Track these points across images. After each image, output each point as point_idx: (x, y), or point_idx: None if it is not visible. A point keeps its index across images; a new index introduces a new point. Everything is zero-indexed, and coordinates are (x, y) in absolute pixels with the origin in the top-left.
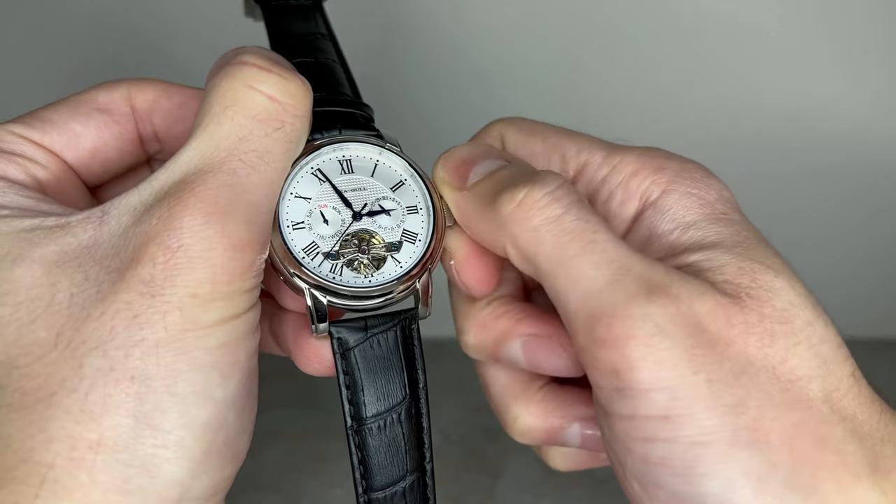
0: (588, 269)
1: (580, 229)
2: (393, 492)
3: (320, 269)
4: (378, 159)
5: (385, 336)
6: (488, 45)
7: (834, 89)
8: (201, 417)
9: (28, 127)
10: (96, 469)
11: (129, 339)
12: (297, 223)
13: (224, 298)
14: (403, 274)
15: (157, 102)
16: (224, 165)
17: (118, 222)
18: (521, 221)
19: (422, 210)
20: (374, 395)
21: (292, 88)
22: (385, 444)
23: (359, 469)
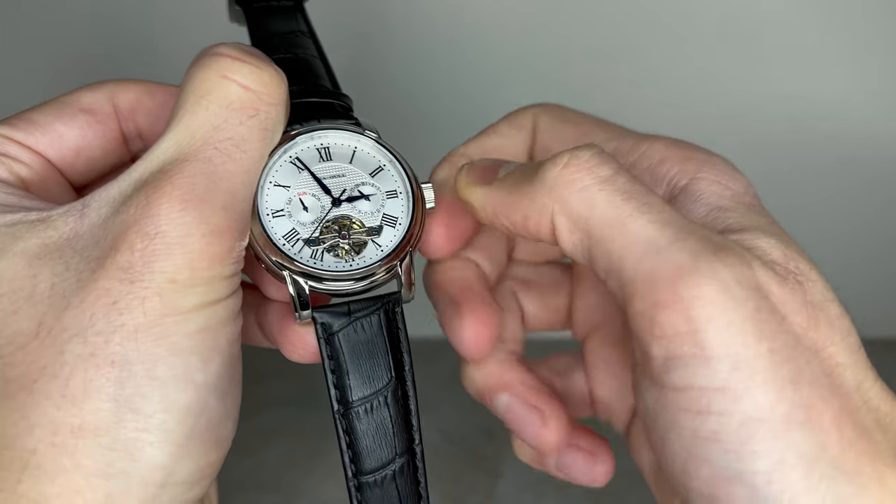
0: (647, 229)
1: (634, 190)
2: (383, 475)
3: (301, 255)
4: (356, 146)
5: (368, 320)
6: (481, 34)
7: (839, 87)
8: (182, 401)
9: (12, 128)
10: (78, 453)
11: (108, 325)
12: (276, 211)
13: (203, 284)
14: (384, 256)
15: (139, 102)
16: (200, 154)
17: (98, 213)
18: (570, 183)
19: (401, 194)
20: (359, 378)
21: (266, 77)
22: (373, 428)
23: (347, 453)
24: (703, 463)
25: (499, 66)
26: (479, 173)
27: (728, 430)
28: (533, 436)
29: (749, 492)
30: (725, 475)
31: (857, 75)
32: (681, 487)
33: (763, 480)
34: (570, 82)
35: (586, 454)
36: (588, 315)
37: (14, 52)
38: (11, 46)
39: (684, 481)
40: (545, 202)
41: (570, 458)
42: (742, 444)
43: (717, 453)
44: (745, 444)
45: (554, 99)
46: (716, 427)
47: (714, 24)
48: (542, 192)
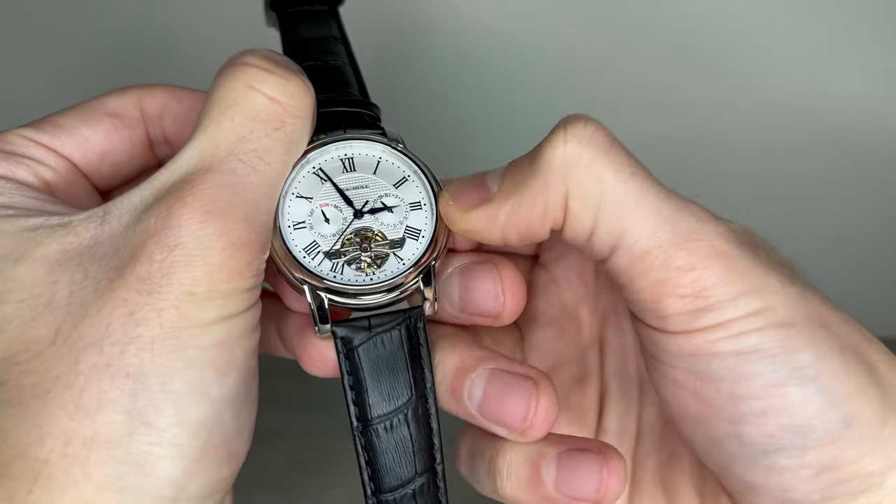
0: (655, 202)
1: (630, 161)
2: (402, 493)
3: (320, 268)
4: (380, 156)
5: (389, 335)
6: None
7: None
8: (196, 415)
9: (38, 131)
10: (90, 466)
11: (125, 336)
12: (298, 223)
13: (221, 297)
14: (406, 270)
15: (166, 106)
16: (224, 165)
17: (119, 221)
18: (577, 158)
19: (425, 206)
20: (379, 395)
21: (292, 89)
22: (393, 446)
23: (366, 470)
24: (754, 376)
25: (528, 73)
26: (469, 196)
27: (767, 340)
28: (525, 406)
29: (802, 386)
30: (777, 378)
31: (864, 76)
32: (726, 423)
33: (812, 372)
34: (600, 88)
35: (593, 455)
36: (542, 359)
37: (37, 59)
38: (34, 54)
39: (732, 410)
40: (559, 187)
41: (573, 463)
42: (783, 346)
43: (765, 362)
44: (786, 345)
45: (584, 105)
46: (755, 340)
47: (719, 27)
48: (553, 176)
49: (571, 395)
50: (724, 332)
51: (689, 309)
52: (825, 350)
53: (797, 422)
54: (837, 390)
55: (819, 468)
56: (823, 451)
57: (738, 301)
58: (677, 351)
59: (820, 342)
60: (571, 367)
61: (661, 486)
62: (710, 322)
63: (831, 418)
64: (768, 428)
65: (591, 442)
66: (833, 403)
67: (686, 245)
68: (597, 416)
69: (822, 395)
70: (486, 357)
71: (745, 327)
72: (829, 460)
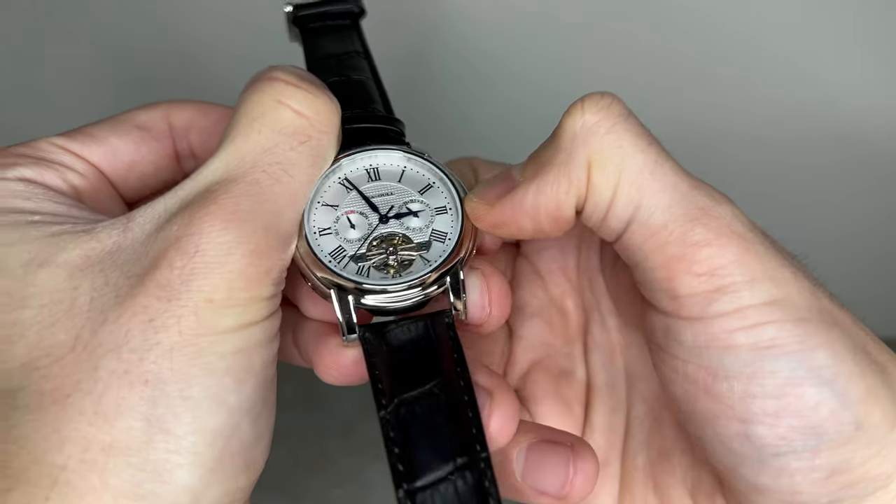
0: (671, 176)
1: (647, 133)
2: (436, 478)
3: (346, 271)
4: (405, 165)
5: (416, 323)
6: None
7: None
8: (214, 423)
9: (69, 139)
10: (108, 472)
11: (144, 343)
12: (323, 230)
13: (241, 305)
14: (433, 269)
15: (193, 120)
16: (248, 176)
17: (142, 229)
18: (597, 126)
19: (451, 210)
20: (404, 372)
21: (319, 104)
22: (420, 429)
23: (393, 453)
24: (771, 374)
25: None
26: (495, 191)
27: (786, 334)
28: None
29: (818, 387)
30: (795, 377)
31: (868, 71)
32: (737, 423)
33: (829, 374)
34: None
35: (562, 447)
36: (530, 350)
37: (64, 77)
38: (62, 73)
39: (743, 409)
40: (581, 158)
41: (540, 455)
42: (801, 343)
43: (783, 359)
44: (804, 342)
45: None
46: (773, 333)
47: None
48: (575, 145)
49: (559, 387)
50: (740, 322)
51: (704, 289)
52: (840, 350)
53: (810, 423)
54: (852, 393)
55: (829, 471)
56: (835, 454)
57: (755, 286)
58: (692, 341)
59: (835, 341)
60: (559, 358)
61: (651, 483)
62: (725, 308)
63: (843, 420)
64: (780, 429)
65: (565, 435)
66: (846, 406)
67: (703, 220)
68: (583, 410)
69: (837, 397)
70: None
71: (763, 318)
72: (839, 463)
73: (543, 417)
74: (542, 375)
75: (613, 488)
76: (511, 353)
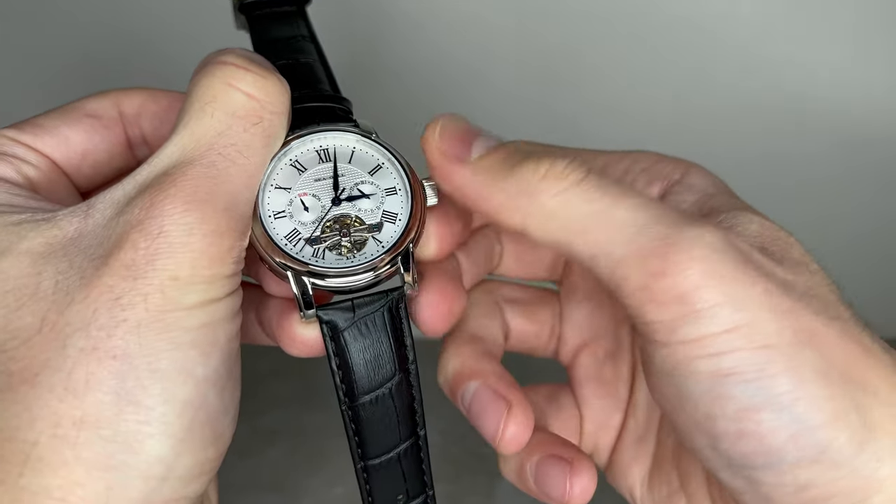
0: (627, 213)
1: (606, 185)
2: (388, 458)
3: (302, 254)
4: (355, 146)
5: (373, 316)
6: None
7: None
8: (182, 394)
9: (20, 131)
10: (80, 445)
11: (111, 320)
12: (278, 212)
13: (204, 282)
14: (385, 251)
15: (144, 106)
16: (204, 158)
17: (102, 215)
18: (547, 188)
19: (400, 191)
20: (365, 374)
21: (269, 86)
22: (377, 418)
23: (354, 440)
24: (728, 400)
25: (500, 66)
26: (453, 140)
27: (745, 362)
28: (495, 426)
29: (776, 413)
30: (752, 404)
31: (871, 72)
32: (704, 437)
33: (788, 399)
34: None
35: (563, 463)
36: (578, 331)
37: (10, 60)
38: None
39: (709, 427)
40: (521, 203)
41: (546, 468)
42: (761, 371)
43: (740, 386)
44: (764, 369)
45: (552, 92)
46: (733, 362)
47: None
48: (519, 194)
49: (606, 369)
50: (701, 350)
51: (668, 317)
52: (806, 374)
53: (772, 446)
54: (813, 418)
55: (797, 487)
56: (799, 475)
57: (716, 313)
58: (661, 364)
59: (802, 365)
60: (605, 340)
61: (676, 462)
62: (688, 335)
63: (803, 445)
64: (743, 448)
65: (569, 450)
66: (808, 431)
67: (660, 251)
68: (628, 391)
69: (797, 423)
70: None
71: (722, 347)
72: (806, 481)
73: (587, 399)
74: (590, 358)
75: (646, 463)
76: (561, 334)
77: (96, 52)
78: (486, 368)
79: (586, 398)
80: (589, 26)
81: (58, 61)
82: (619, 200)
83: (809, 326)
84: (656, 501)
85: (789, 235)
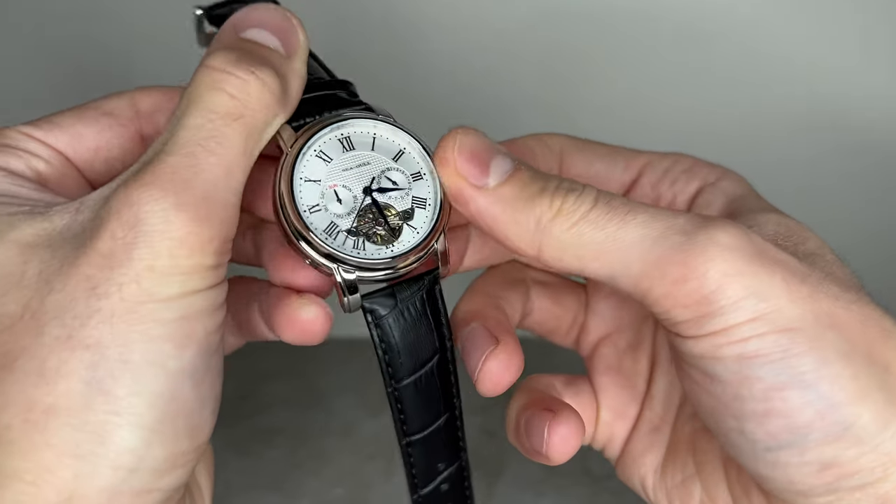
0: (638, 231)
1: (612, 207)
2: (429, 432)
3: (344, 247)
4: (375, 132)
5: (413, 302)
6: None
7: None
8: (154, 386)
9: (34, 127)
10: (49, 432)
11: (87, 309)
12: (313, 206)
13: (182, 273)
14: (422, 240)
15: (160, 104)
16: (183, 149)
17: (90, 209)
18: (560, 223)
19: (426, 175)
20: (409, 356)
21: (250, 88)
22: (421, 397)
23: (399, 418)
24: (756, 381)
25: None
26: (468, 163)
27: (769, 344)
28: (476, 361)
29: (802, 391)
30: (778, 382)
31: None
32: (732, 419)
33: (812, 377)
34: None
35: (544, 414)
36: (602, 323)
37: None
38: None
39: (736, 408)
40: (535, 237)
41: (532, 419)
42: (785, 352)
43: (766, 367)
44: (788, 350)
45: (551, 91)
46: (757, 346)
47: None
48: (533, 228)
49: (625, 361)
50: (726, 339)
51: (694, 316)
52: (829, 354)
53: (797, 423)
54: (837, 396)
55: (821, 465)
56: (823, 451)
57: (738, 306)
58: (689, 352)
59: (825, 346)
60: (628, 333)
61: (692, 450)
62: (713, 328)
63: (830, 421)
64: (770, 427)
65: (558, 403)
66: (833, 408)
67: (677, 258)
68: (646, 383)
69: (822, 400)
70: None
71: (746, 333)
72: (830, 459)
73: (605, 388)
74: (611, 348)
75: (660, 451)
76: (585, 323)
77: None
78: (490, 314)
79: (604, 387)
80: (592, 26)
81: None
82: (628, 219)
83: (830, 310)
84: (669, 488)
85: (806, 229)
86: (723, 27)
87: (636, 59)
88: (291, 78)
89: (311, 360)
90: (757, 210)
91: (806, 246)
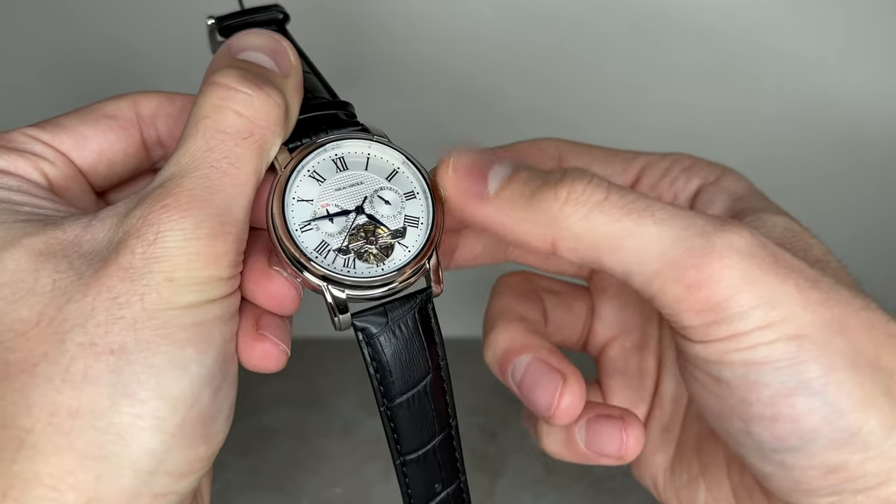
0: (655, 230)
1: (628, 201)
2: (424, 452)
3: (334, 266)
4: (369, 152)
5: (405, 320)
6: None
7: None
8: (176, 390)
9: (40, 129)
10: (73, 434)
11: (109, 318)
12: (304, 226)
13: (199, 283)
14: (413, 258)
15: (160, 108)
16: (198, 171)
17: (103, 224)
18: (571, 213)
19: (419, 194)
20: (401, 375)
21: (258, 104)
22: (414, 416)
23: (393, 437)
24: (763, 386)
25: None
26: (467, 178)
27: (777, 351)
28: (550, 397)
29: (809, 397)
30: (785, 389)
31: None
32: (738, 421)
33: (819, 384)
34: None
35: (615, 420)
36: (608, 326)
37: None
38: None
39: (743, 411)
40: (547, 231)
41: (598, 427)
42: (794, 358)
43: (773, 374)
44: (796, 356)
45: (547, 97)
46: (765, 353)
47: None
48: (543, 222)
49: (633, 362)
50: (734, 344)
51: (704, 321)
52: (836, 361)
53: (804, 429)
54: (843, 402)
55: (827, 469)
56: (829, 456)
57: (749, 314)
58: (696, 356)
59: (832, 353)
60: (633, 334)
61: (697, 450)
62: (723, 334)
63: (836, 427)
64: (777, 431)
65: (615, 409)
66: (839, 415)
67: (692, 262)
68: (654, 383)
69: (829, 406)
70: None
71: (755, 340)
72: (836, 463)
73: (613, 390)
74: (617, 349)
75: (670, 450)
76: (592, 326)
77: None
78: (537, 343)
79: (613, 389)
80: (587, 29)
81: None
82: (646, 215)
83: (839, 317)
84: (677, 488)
85: (811, 235)
86: (723, 27)
87: (635, 60)
88: (290, 96)
89: (311, 360)
90: (762, 210)
91: (813, 252)
